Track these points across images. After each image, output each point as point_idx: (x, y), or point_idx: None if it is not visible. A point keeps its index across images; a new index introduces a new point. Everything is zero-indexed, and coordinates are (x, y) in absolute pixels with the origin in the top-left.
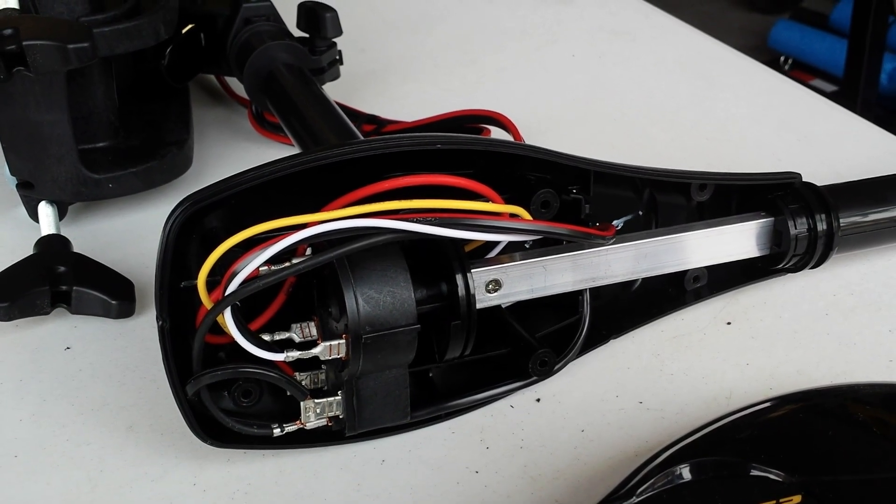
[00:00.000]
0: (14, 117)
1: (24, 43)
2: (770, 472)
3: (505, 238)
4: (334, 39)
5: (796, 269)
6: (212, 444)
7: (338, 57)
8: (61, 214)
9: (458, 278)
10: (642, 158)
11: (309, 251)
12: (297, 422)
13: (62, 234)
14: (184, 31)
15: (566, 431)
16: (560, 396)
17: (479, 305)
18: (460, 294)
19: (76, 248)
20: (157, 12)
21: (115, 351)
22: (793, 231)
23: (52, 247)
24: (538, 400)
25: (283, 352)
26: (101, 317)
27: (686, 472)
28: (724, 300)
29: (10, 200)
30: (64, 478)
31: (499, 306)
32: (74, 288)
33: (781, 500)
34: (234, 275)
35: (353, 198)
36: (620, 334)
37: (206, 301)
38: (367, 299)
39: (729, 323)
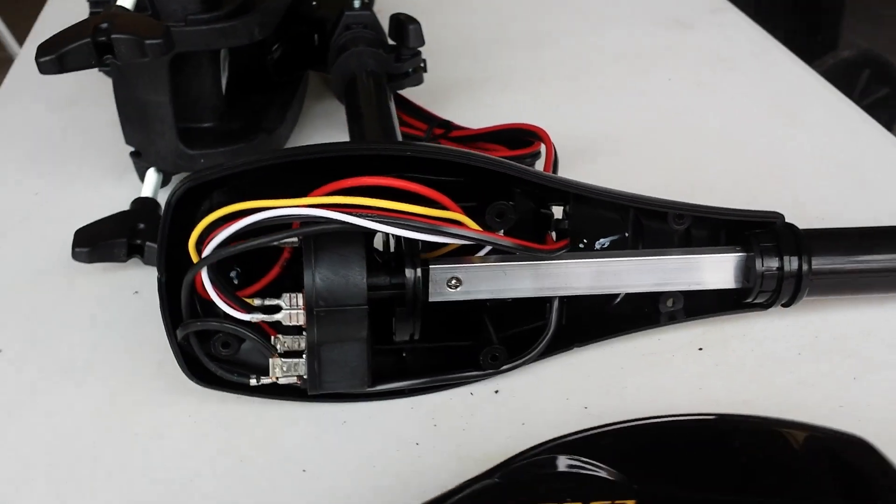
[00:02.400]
0: (128, 95)
1: (112, 36)
2: (614, 476)
3: (439, 239)
4: (419, 49)
5: (765, 305)
6: (196, 383)
7: (422, 65)
8: (165, 182)
9: (407, 271)
10: (686, 183)
11: None
12: (274, 377)
13: (157, 198)
14: (293, 32)
15: (508, 423)
16: (517, 392)
17: (440, 298)
18: (407, 285)
19: None
20: (253, 15)
21: None
22: (759, 268)
23: (143, 207)
24: (496, 392)
25: (250, 312)
26: None
27: (543, 464)
28: (705, 327)
29: (130, 166)
30: (94, 393)
31: (484, 302)
32: (147, 243)
33: (616, 502)
34: (211, 242)
35: (324, 190)
36: (584, 344)
37: (195, 261)
38: (323, 278)
39: (701, 349)
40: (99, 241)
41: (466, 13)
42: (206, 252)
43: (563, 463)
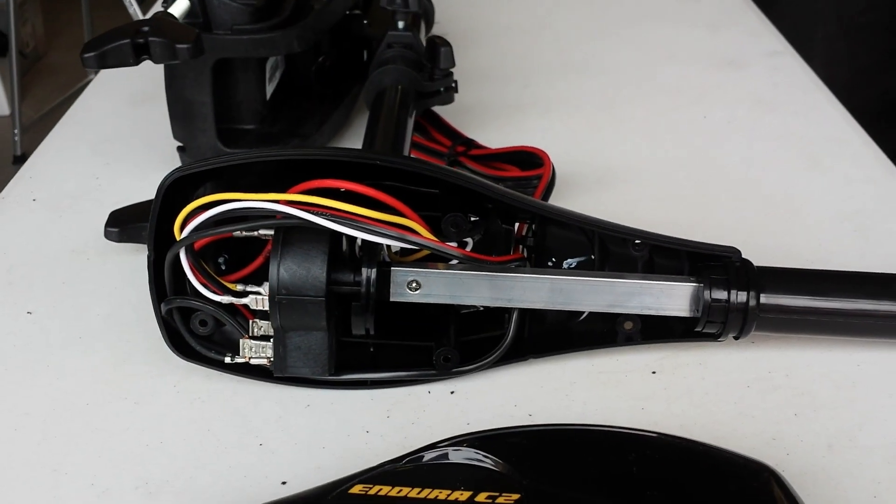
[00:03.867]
0: (177, 94)
1: (149, 39)
2: (505, 470)
3: (387, 241)
4: (451, 70)
5: (715, 336)
6: (177, 354)
7: (453, 85)
8: None
9: (363, 270)
10: (691, 217)
11: None
12: (246, 357)
13: None
14: (343, 47)
15: (455, 422)
16: (471, 394)
17: (400, 299)
18: (363, 283)
19: None
20: (292, 29)
21: None
22: (706, 298)
23: None
24: (452, 392)
25: (224, 294)
26: None
27: (445, 454)
28: (665, 353)
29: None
30: (98, 359)
31: (457, 308)
32: None
33: (503, 494)
34: (188, 226)
35: (296, 189)
36: (540, 356)
37: None
38: (287, 269)
39: (654, 372)
40: (129, 224)
41: (527, 40)
42: (184, 235)
43: (462, 455)
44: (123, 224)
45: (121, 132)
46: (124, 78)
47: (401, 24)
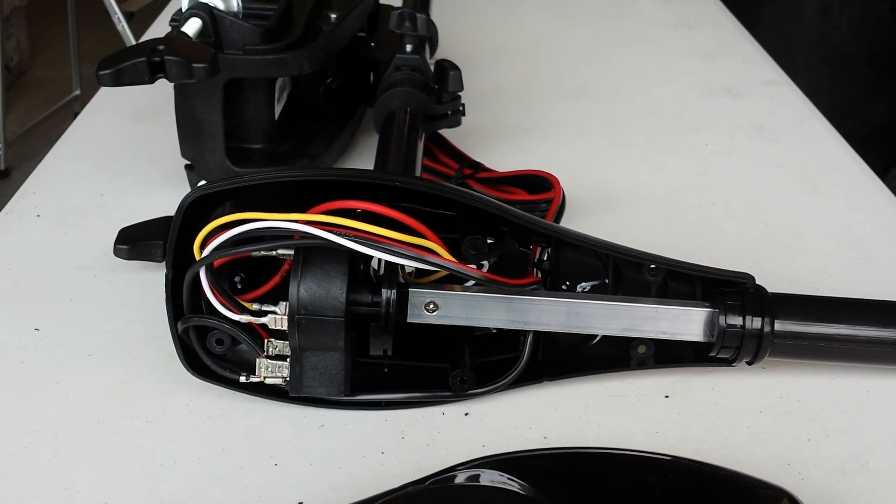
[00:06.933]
0: (186, 113)
1: (165, 57)
2: (530, 493)
3: (409, 263)
4: (459, 93)
5: (729, 361)
6: (191, 373)
7: (460, 108)
8: None
9: (383, 291)
10: (693, 243)
11: None
12: (261, 376)
13: None
14: (350, 69)
15: (469, 443)
16: (485, 416)
17: (417, 320)
18: (382, 304)
19: None
20: (303, 50)
21: None
22: (721, 323)
23: None
24: (466, 414)
25: (242, 314)
26: None
27: (468, 476)
28: (677, 377)
29: (185, 178)
30: (108, 376)
31: (470, 330)
32: None
33: None
34: (209, 245)
35: (317, 210)
36: (554, 379)
37: None
38: (307, 289)
39: (667, 396)
40: (138, 241)
41: (527, 64)
42: (205, 254)
43: (487, 477)
44: (133, 241)
45: (124, 148)
46: (125, 95)
47: (409, 48)
